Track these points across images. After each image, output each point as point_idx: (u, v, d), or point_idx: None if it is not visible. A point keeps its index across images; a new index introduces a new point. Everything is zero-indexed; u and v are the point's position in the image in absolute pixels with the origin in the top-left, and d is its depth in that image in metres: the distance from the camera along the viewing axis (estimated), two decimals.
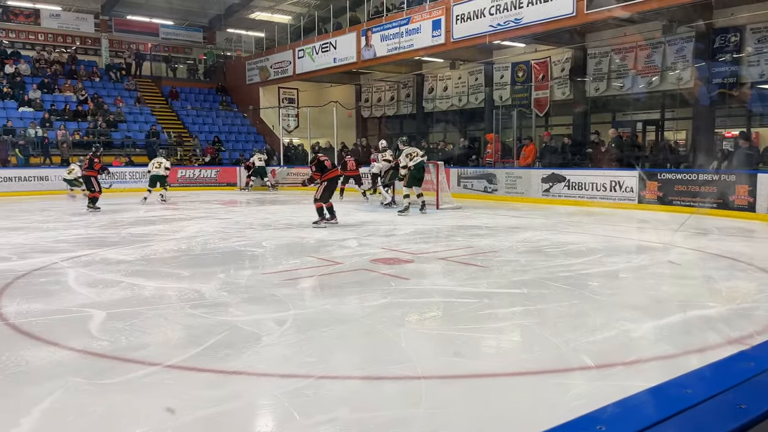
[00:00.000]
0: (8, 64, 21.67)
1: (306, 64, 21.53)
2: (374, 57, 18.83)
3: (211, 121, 24.70)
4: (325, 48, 20.64)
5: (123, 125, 21.84)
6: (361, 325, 4.10)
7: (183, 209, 13.23)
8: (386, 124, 23.88)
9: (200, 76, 27.18)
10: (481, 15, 15.34)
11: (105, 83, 23.75)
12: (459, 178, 16.22)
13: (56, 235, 8.69)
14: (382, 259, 6.60)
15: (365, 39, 18.99)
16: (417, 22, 17.19)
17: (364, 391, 2.98)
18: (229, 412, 2.81)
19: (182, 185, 20.36)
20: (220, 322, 4.17)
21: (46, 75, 22.29)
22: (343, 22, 21.00)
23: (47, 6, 23.28)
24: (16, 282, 5.49)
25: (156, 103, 24.33)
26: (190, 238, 8.50)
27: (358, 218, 11.07)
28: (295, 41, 22.33)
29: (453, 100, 20.29)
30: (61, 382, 3.08)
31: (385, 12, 18.87)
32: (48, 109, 20.67)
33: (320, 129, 22.31)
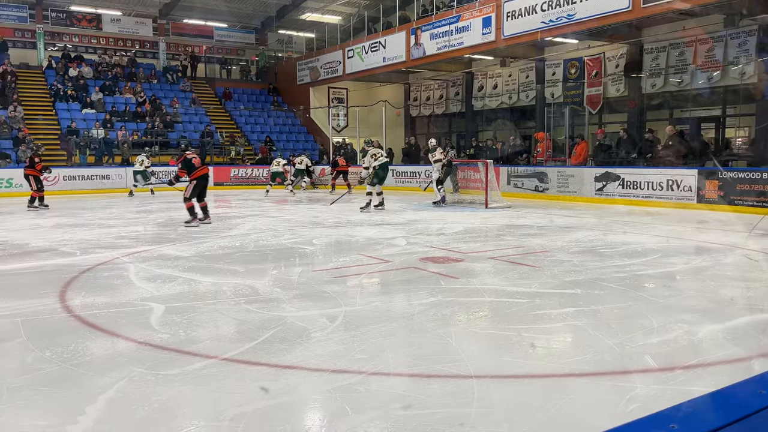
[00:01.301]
0: (72, 67, 22.66)
1: (355, 64, 21.69)
2: (423, 55, 18.80)
3: (263, 121, 25.19)
4: (375, 47, 20.73)
5: (179, 125, 22.52)
6: (411, 323, 4.11)
7: (236, 207, 13.54)
8: (435, 123, 23.81)
9: (252, 77, 27.75)
10: (532, 11, 15.10)
11: (162, 85, 24.54)
12: (509, 176, 16.02)
13: (117, 232, 9.03)
14: (431, 257, 6.60)
15: (414, 38, 18.98)
16: (467, 20, 17.07)
17: (415, 389, 2.99)
18: (283, 405, 2.87)
19: (235, 184, 20.84)
20: (273, 317, 4.26)
21: (108, 78, 23.20)
22: (392, 21, 21.06)
23: (108, 11, 24.22)
24: (81, 276, 5.74)
25: (210, 104, 24.98)
26: (244, 235, 8.69)
27: (406, 217, 11.09)
28: (344, 41, 22.52)
29: (503, 98, 20.05)
30: (124, 372, 3.20)
31: (434, 10, 18.82)
32: (109, 111, 21.53)
33: (369, 128, 22.45)
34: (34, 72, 22.71)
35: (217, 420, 2.64)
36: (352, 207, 13.28)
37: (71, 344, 3.68)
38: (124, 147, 19.93)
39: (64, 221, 10.37)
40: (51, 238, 8.33)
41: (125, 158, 19.73)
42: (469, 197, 14.39)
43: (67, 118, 20.63)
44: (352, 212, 12.01)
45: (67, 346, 3.63)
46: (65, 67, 22.62)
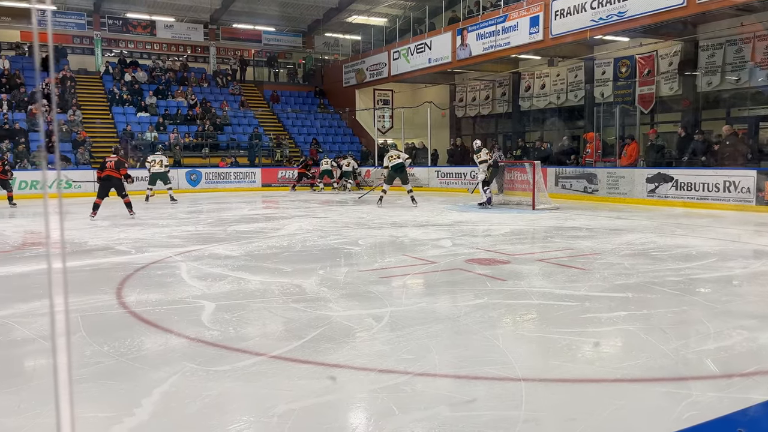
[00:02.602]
0: (128, 72, 23.47)
1: (401, 66, 21.73)
2: (469, 56, 18.69)
3: (309, 123, 25.51)
4: (420, 49, 20.72)
5: (228, 128, 23.04)
6: (457, 324, 4.09)
7: (283, 208, 13.75)
8: (480, 124, 23.63)
9: (299, 80, 28.15)
10: (581, 9, 14.82)
11: (212, 89, 25.15)
12: (557, 178, 15.75)
13: (170, 231, 9.30)
14: (477, 259, 6.55)
15: (460, 38, 18.88)
16: (514, 20, 16.88)
17: (462, 390, 2.98)
18: (330, 404, 2.90)
19: (282, 185, 21.17)
20: (320, 316, 4.31)
21: (161, 82, 23.92)
22: (437, 22, 21.00)
23: (162, 18, 24.99)
24: (136, 274, 5.94)
25: (258, 107, 25.45)
26: (291, 235, 8.82)
27: (452, 218, 11.03)
28: (390, 43, 22.59)
29: (551, 98, 19.73)
30: (177, 367, 3.30)
31: (480, 11, 18.67)
32: (162, 114, 22.20)
33: (414, 129, 22.45)
34: (92, 77, 23.62)
35: (266, 416, 2.69)
36: (396, 209, 13.30)
37: (127, 339, 3.81)
38: (176, 149, 20.52)
39: (120, 221, 10.74)
40: (107, 237, 8.65)
41: (177, 160, 20.31)
42: (516, 198, 14.22)
43: (123, 121, 21.38)
44: (396, 213, 12.04)
45: (123, 340, 3.77)
46: (121, 73, 23.45)
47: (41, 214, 12.63)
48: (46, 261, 4.82)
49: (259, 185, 20.85)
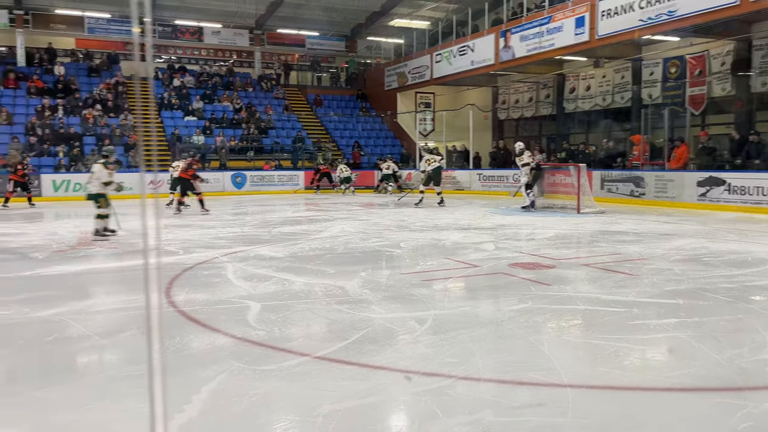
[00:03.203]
0: (176, 77, 24.11)
1: (443, 68, 21.67)
2: (513, 58, 18.49)
3: (351, 127, 25.69)
4: (463, 51, 20.62)
5: (272, 131, 23.40)
6: (501, 328, 4.06)
7: (325, 210, 13.88)
8: (524, 126, 23.34)
9: (342, 84, 28.38)
10: (629, 9, 14.49)
11: (257, 93, 25.60)
12: (602, 181, 15.42)
13: (216, 233, 9.51)
14: (521, 263, 6.47)
15: (504, 40, 18.71)
16: (559, 21, 16.63)
17: (507, 395, 2.95)
18: (374, 405, 2.92)
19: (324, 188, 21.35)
20: (363, 318, 4.34)
21: (208, 87, 24.49)
22: (480, 24, 20.86)
23: (209, 24, 25.58)
24: (184, 274, 6.09)
25: (302, 110, 25.77)
26: (333, 237, 8.89)
27: (494, 221, 10.93)
28: (432, 46, 22.56)
29: (596, 100, 19.35)
30: (225, 365, 3.37)
31: (524, 12, 18.46)
32: (209, 118, 22.72)
33: (455, 132, 22.35)
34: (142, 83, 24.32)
35: (311, 416, 2.73)
36: (437, 211, 13.26)
37: (176, 337, 3.91)
38: (222, 152, 20.96)
39: (169, 222, 11.03)
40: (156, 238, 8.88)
41: (222, 163, 20.75)
42: (560, 202, 13.97)
43: (171, 125, 21.96)
44: (438, 216, 12.00)
45: (173, 338, 3.87)
46: (170, 78, 24.10)
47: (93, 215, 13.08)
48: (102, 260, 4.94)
49: (302, 188, 21.09)
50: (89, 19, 23.61)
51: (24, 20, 22.74)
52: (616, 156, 16.87)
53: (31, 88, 21.38)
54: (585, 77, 19.72)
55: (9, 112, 20.08)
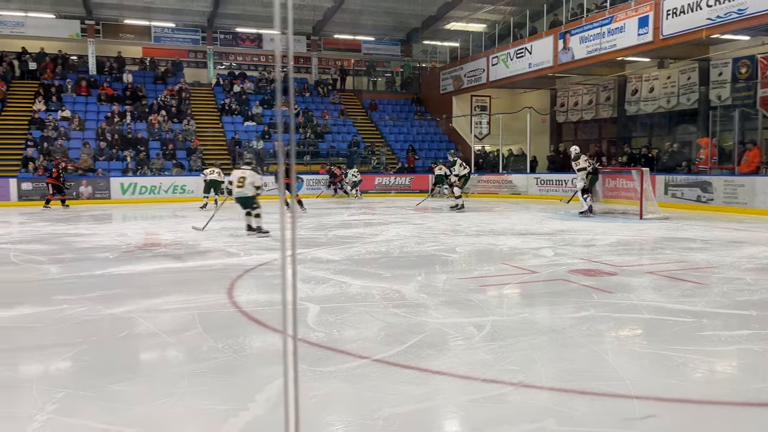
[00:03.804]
0: (236, 84, 24.79)
1: (500, 71, 21.44)
2: (572, 60, 18.12)
3: (406, 131, 25.74)
4: (520, 53, 20.35)
5: (328, 136, 23.72)
6: (563, 336, 3.97)
7: (380, 214, 13.95)
8: (583, 129, 22.81)
9: (397, 88, 28.48)
10: (696, 8, 13.96)
11: (314, 98, 26.01)
12: (666, 186, 14.89)
13: (275, 235, 9.69)
14: (581, 270, 6.32)
15: (563, 42, 18.36)
16: (621, 21, 16.19)
17: (570, 404, 2.88)
18: (433, 410, 2.91)
19: (378, 192, 21.48)
20: (421, 322, 4.33)
21: (266, 92, 25.06)
22: (538, 26, 20.54)
23: (268, 31, 26.18)
24: (245, 275, 6.25)
25: (357, 115, 26.02)
26: (389, 241, 8.93)
27: (552, 226, 10.72)
28: (489, 49, 22.36)
29: (660, 102, 18.70)
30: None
31: (585, 13, 18.05)
32: (267, 123, 23.24)
33: (512, 135, 22.06)
34: (204, 89, 25.15)
35: (371, 419, 2.75)
36: (494, 216, 13.12)
37: (239, 337, 4.02)
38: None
39: (230, 224, 11.32)
40: (218, 240, 9.16)
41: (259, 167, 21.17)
42: (621, 207, 13.57)
43: (232, 130, 22.58)
44: (494, 221, 11.87)
45: (236, 338, 3.98)
46: (230, 84, 24.80)
47: (160, 217, 13.59)
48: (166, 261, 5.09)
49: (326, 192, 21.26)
50: (155, 29, 24.58)
51: (95, 30, 23.89)
52: (680, 160, 16.26)
53: (101, 95, 22.42)
54: (648, 78, 19.11)
55: (81, 118, 21.11)
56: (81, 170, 18.79)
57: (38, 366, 3.56)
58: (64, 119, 20.70)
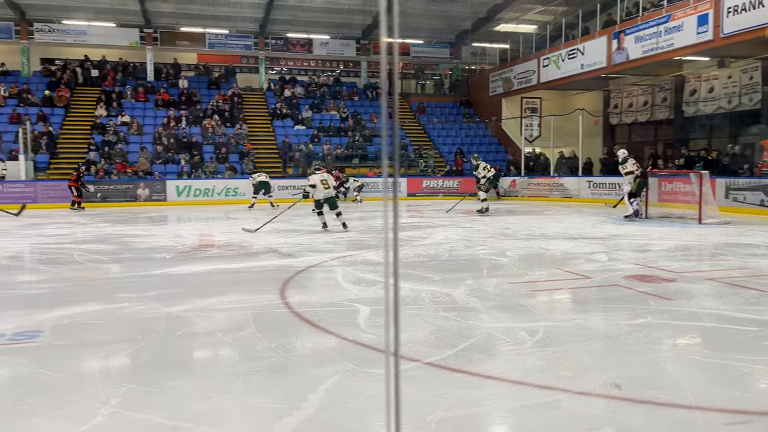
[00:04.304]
0: (287, 88, 25.20)
1: (551, 73, 21.08)
2: (627, 60, 17.65)
3: (455, 134, 25.62)
4: (572, 54, 19.96)
5: (377, 139, 23.82)
6: (619, 343, 3.87)
7: (428, 217, 13.91)
8: (638, 131, 22.17)
9: (446, 91, 28.37)
10: (759, 5, 13.38)
11: (362, 102, 26.19)
12: (727, 189, 14.32)
13: (324, 237, 9.81)
14: (637, 275, 6.15)
15: (617, 42, 17.90)
16: (678, 19, 15.67)
17: (629, 413, 2.81)
18: (486, 415, 2.89)
19: (426, 195, 21.44)
20: (472, 326, 4.30)
21: (316, 96, 25.39)
22: (591, 26, 20.10)
23: (318, 36, 26.54)
24: (297, 276, 6.34)
25: (405, 118, 26.03)
26: (437, 244, 8.90)
27: (606, 231, 10.46)
28: (539, 50, 22.03)
29: (720, 102, 17.99)
30: (338, 366, 3.47)
31: (640, 11, 17.56)
32: (316, 127, 23.54)
33: (563, 138, 21.64)
34: (255, 94, 25.68)
35: (424, 422, 2.74)
36: (544, 220, 12.90)
37: (292, 336, 4.08)
38: (328, 159, 21.61)
39: (280, 226, 11.52)
40: (270, 241, 9.32)
41: (329, 170, 21.36)
42: (679, 211, 13.15)
43: (282, 134, 22.97)
44: (545, 225, 11.67)
45: (288, 338, 4.04)
46: (281, 89, 25.24)
47: (213, 219, 13.95)
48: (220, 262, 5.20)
49: (405, 194, 21.29)
50: (210, 35, 25.27)
51: (153, 38, 24.74)
52: (742, 163, 15.60)
53: (158, 100, 23.18)
54: (708, 78, 18.41)
55: (139, 123, 21.88)
56: (139, 173, 19.47)
57: (102, 361, 3.71)
58: (123, 124, 21.50)
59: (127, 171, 19.32)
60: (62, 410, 2.89)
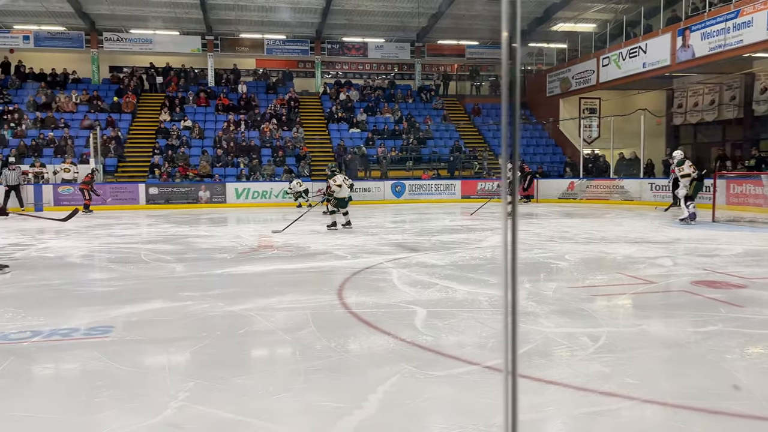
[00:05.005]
0: (342, 92, 25.50)
1: (611, 72, 20.54)
2: (692, 58, 17.01)
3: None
4: (634, 53, 19.38)
5: (431, 141, 23.80)
6: (688, 351, 3.73)
7: (483, 219, 13.78)
8: (704, 132, 21.33)
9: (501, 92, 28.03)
10: None
11: (417, 104, 26.21)
12: None
13: (379, 239, 9.87)
14: (705, 281, 5.90)
15: (682, 39, 17.28)
16: (748, 15, 14.99)
17: (698, 423, 2.71)
18: (548, 420, 2.84)
19: (480, 197, 21.22)
20: (531, 330, 4.23)
21: (371, 99, 25.57)
22: (654, 23, 19.47)
23: (373, 39, 26.75)
24: (353, 277, 6.40)
25: (460, 120, 25.90)
26: (494, 247, 8.80)
27: (670, 234, 10.10)
28: (599, 49, 21.52)
29: None
30: (396, 368, 3.48)
31: (707, 7, 16.89)
32: (371, 130, 23.70)
33: (623, 139, 21.05)
34: (312, 98, 26.10)
35: (486, 425, 2.72)
36: (604, 223, 12.56)
37: (350, 336, 4.12)
38: (382, 162, 21.73)
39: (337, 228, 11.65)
40: (326, 243, 9.45)
41: (383, 173, 21.49)
42: (749, 215, 12.55)
43: (338, 137, 23.25)
44: (604, 228, 11.36)
45: (347, 338, 4.09)
46: (337, 92, 25.56)
47: (271, 221, 14.24)
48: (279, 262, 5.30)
49: (459, 197, 21.17)
50: (268, 41, 25.86)
51: (214, 45, 25.52)
52: None
53: (218, 105, 23.88)
54: None
55: (200, 127, 22.59)
56: (200, 176, 20.10)
57: (170, 357, 3.85)
58: (185, 128, 22.25)
59: (188, 174, 19.96)
60: (133, 403, 3.01)
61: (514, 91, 1.37)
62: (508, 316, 1.42)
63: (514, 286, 1.45)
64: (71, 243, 9.82)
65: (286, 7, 23.10)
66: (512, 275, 1.41)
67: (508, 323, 1.41)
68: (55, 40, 24.46)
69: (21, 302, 5.34)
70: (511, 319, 1.41)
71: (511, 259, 1.41)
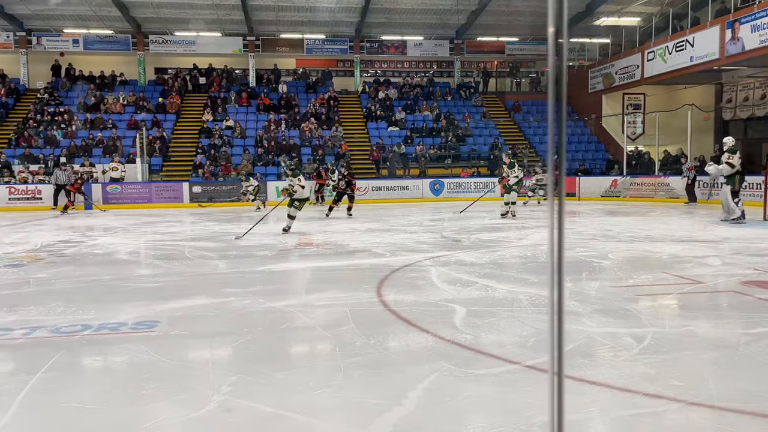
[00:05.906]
0: (381, 90, 25.54)
1: (656, 67, 20.01)
2: (742, 51, 16.43)
3: None
4: (680, 47, 18.83)
5: (470, 139, 23.63)
6: (737, 353, 3.62)
7: (522, 218, 13.61)
8: (755, 127, 20.58)
9: (542, 88, 27.65)
10: None
11: (456, 101, 26.06)
12: None
13: (417, 237, 9.86)
14: (756, 281, 5.71)
15: (731, 32, 16.70)
16: None
17: (746, 427, 2.62)
18: (590, 421, 2.79)
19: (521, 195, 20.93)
20: (572, 330, 4.16)
21: (409, 98, 25.54)
22: (702, 16, 18.87)
23: (412, 37, 26.71)
24: (392, 275, 6.42)
25: (499, 117, 25.64)
26: (534, 246, 8.69)
27: (718, 233, 9.78)
28: (643, 44, 20.99)
29: None
30: (435, 365, 3.48)
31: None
32: (410, 128, 23.67)
33: (669, 135, 20.48)
34: (351, 96, 26.24)
35: (526, 425, 2.70)
36: (649, 221, 12.25)
37: (389, 334, 4.14)
38: (421, 160, 21.70)
39: (375, 226, 11.70)
40: (365, 241, 9.50)
41: (422, 171, 21.45)
42: None
43: (376, 135, 23.32)
44: (649, 227, 11.08)
45: (386, 335, 4.10)
46: (375, 91, 25.62)
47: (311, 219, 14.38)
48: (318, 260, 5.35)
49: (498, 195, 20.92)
50: (307, 41, 26.11)
51: (255, 45, 25.90)
52: None
53: (259, 105, 24.25)
54: None
55: (242, 127, 22.97)
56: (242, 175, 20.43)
57: (213, 351, 3.94)
58: (228, 128, 22.66)
59: (231, 173, 20.32)
60: (179, 396, 3.09)
61: (561, 87, 1.35)
62: (554, 315, 1.40)
63: (561, 285, 1.42)
64: (119, 240, 10.13)
65: (325, 7, 23.27)
66: (558, 275, 1.38)
67: (554, 323, 1.39)
68: (103, 43, 25.25)
69: (71, 297, 5.54)
70: (557, 318, 1.39)
71: (558, 258, 1.38)
